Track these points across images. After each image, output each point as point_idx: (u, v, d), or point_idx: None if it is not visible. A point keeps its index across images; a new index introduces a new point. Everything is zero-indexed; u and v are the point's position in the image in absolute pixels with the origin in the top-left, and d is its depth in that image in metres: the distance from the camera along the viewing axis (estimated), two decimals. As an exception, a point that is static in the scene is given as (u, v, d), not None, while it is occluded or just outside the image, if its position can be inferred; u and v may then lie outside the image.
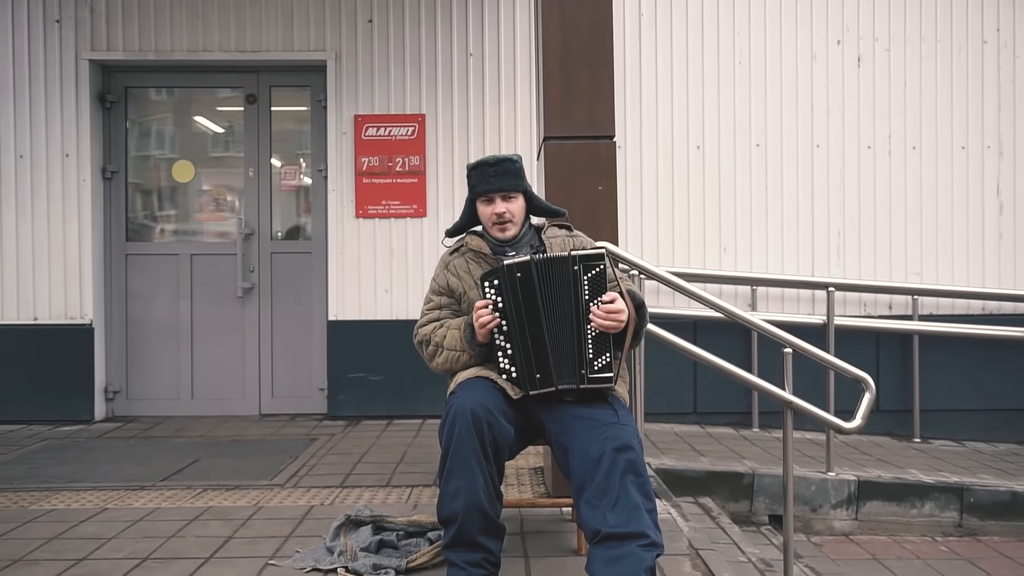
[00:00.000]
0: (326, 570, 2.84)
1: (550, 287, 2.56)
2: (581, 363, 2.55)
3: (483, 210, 2.81)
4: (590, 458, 2.42)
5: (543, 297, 2.56)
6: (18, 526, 3.42)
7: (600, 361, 2.56)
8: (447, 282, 2.84)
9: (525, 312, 2.56)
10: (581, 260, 2.55)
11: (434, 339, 2.78)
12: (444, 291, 2.85)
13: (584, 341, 2.55)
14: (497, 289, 2.59)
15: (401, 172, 5.82)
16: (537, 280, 2.55)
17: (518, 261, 2.58)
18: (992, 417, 5.88)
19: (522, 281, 2.56)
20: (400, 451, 4.80)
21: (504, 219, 2.77)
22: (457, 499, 2.46)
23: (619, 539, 2.33)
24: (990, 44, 5.94)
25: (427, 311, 2.87)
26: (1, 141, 5.81)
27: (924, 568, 4.08)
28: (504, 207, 2.76)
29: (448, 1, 5.88)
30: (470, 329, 2.67)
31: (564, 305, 2.56)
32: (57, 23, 5.83)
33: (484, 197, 2.79)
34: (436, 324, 2.81)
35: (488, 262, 2.78)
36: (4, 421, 5.70)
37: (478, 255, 2.82)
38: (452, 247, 2.93)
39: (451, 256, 2.89)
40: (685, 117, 5.91)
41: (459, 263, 2.85)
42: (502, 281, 2.58)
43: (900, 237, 5.92)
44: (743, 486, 4.56)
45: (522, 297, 2.56)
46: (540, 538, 3.19)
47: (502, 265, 2.59)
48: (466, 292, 2.80)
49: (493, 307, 2.59)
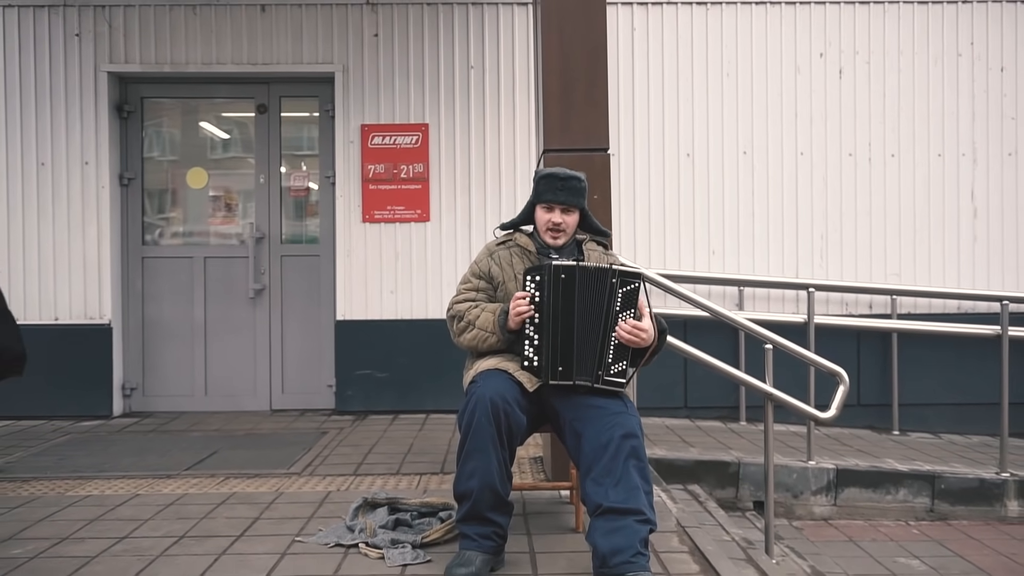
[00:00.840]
0: (348, 545, 3.14)
1: (586, 293, 2.85)
2: (599, 364, 2.86)
3: (541, 215, 3.09)
4: (600, 442, 2.73)
5: (579, 300, 2.85)
6: (60, 509, 3.70)
7: (617, 367, 2.87)
8: (489, 269, 3.13)
9: (561, 310, 2.85)
10: (620, 275, 2.87)
11: (468, 316, 3.05)
12: (484, 276, 3.14)
13: (607, 345, 2.85)
14: (538, 284, 2.88)
15: (406, 179, 6.11)
16: (578, 284, 2.85)
17: (565, 264, 2.87)
18: (967, 411, 6.17)
19: (564, 282, 2.85)
20: (407, 443, 5.10)
21: (559, 229, 3.06)
22: (473, 478, 2.76)
23: (618, 513, 2.64)
24: (964, 57, 6.25)
25: (464, 290, 3.16)
26: (24, 149, 6.08)
27: (897, 549, 4.39)
28: (562, 218, 3.06)
29: (450, 16, 6.18)
30: (504, 316, 2.95)
31: (595, 310, 2.86)
32: (77, 37, 6.11)
33: (546, 205, 3.07)
34: (471, 304, 3.09)
35: (531, 259, 3.08)
36: (27, 416, 5.97)
37: (524, 251, 3.12)
38: (501, 239, 3.21)
39: (498, 247, 3.18)
40: (676, 126, 6.21)
41: (504, 255, 3.14)
42: (544, 278, 2.86)
43: (880, 240, 6.23)
44: (729, 474, 4.87)
45: (561, 296, 2.85)
46: (541, 518, 3.49)
47: (549, 264, 2.88)
48: (505, 282, 3.09)
49: (530, 300, 2.88)
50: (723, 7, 6.22)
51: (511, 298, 2.97)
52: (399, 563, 2.94)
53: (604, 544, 2.61)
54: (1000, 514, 4.86)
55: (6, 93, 6.10)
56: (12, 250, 6.09)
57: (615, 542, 2.60)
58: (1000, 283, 6.22)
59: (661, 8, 6.22)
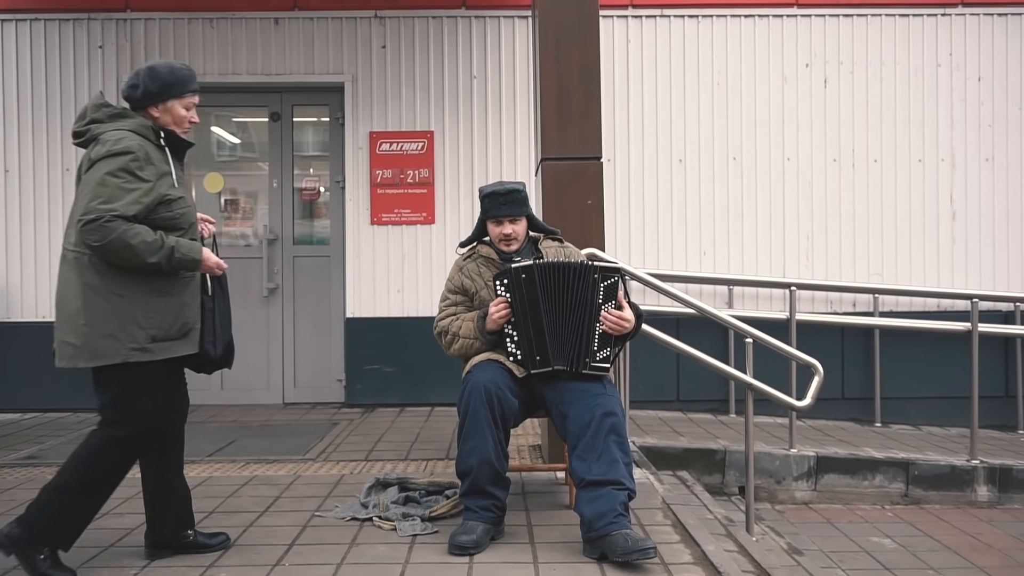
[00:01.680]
0: (363, 519, 3.46)
1: (550, 286, 3.18)
2: (587, 352, 3.18)
3: (493, 229, 3.43)
4: (583, 421, 3.07)
5: (543, 294, 3.18)
6: (96, 490, 4.02)
7: (602, 353, 3.20)
8: (461, 283, 3.47)
9: (529, 306, 3.18)
10: (601, 271, 3.19)
11: (451, 330, 3.39)
12: (459, 290, 3.47)
13: (592, 335, 3.18)
14: (506, 287, 3.21)
15: (412, 183, 6.44)
16: (539, 280, 3.18)
17: (523, 264, 3.21)
18: (946, 404, 6.45)
19: (526, 281, 3.18)
20: (414, 432, 5.42)
21: (510, 238, 3.40)
22: (472, 456, 3.09)
23: (599, 484, 2.97)
24: (944, 67, 6.57)
25: (444, 308, 3.49)
26: (49, 156, 6.42)
27: (871, 530, 4.71)
28: (511, 228, 3.39)
29: (454, 28, 6.50)
30: (481, 320, 3.29)
31: (570, 302, 3.18)
32: (100, 49, 6.44)
33: (495, 219, 3.40)
34: (452, 318, 3.42)
35: (496, 266, 3.41)
36: (54, 409, 6.30)
37: (488, 260, 3.45)
38: (465, 254, 3.55)
39: (464, 261, 3.51)
40: (669, 133, 6.53)
41: (471, 267, 3.47)
42: (510, 280, 3.20)
43: (863, 241, 6.54)
44: (716, 461, 5.19)
45: (526, 293, 3.18)
46: (538, 496, 3.81)
47: (509, 267, 3.21)
48: (478, 291, 3.42)
49: (504, 303, 3.21)
50: (713, 20, 6.54)
51: (486, 304, 3.30)
52: (410, 533, 3.26)
53: (588, 511, 2.94)
54: (970, 498, 5.18)
55: (33, 102, 6.44)
56: (39, 251, 6.43)
57: (597, 508, 2.93)
58: (977, 282, 6.51)
59: (655, 20, 6.54)
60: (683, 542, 3.24)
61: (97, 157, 2.72)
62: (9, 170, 6.42)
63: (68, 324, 2.75)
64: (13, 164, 6.42)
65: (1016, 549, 4.38)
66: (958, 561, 4.21)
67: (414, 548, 3.12)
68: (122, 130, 2.79)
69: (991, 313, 6.43)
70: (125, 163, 2.70)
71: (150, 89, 2.85)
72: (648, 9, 6.52)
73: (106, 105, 2.89)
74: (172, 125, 2.91)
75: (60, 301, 2.81)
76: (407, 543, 3.18)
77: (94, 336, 2.72)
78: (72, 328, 2.74)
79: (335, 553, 3.07)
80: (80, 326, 2.72)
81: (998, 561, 4.20)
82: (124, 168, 2.69)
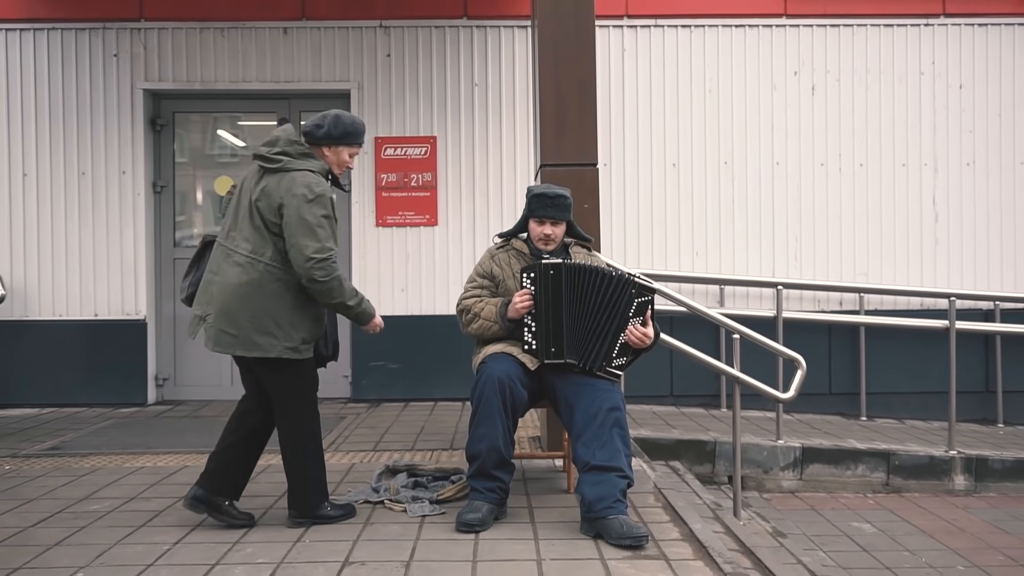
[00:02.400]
0: (375, 502, 3.72)
1: (575, 286, 3.44)
2: (606, 356, 3.44)
3: (535, 228, 3.66)
4: (589, 413, 3.33)
5: (566, 292, 3.44)
6: (122, 477, 4.28)
7: (619, 360, 3.47)
8: (491, 269, 3.72)
9: (552, 300, 3.44)
10: (639, 287, 3.44)
11: (474, 309, 3.64)
12: (487, 275, 3.72)
13: (615, 342, 3.44)
14: (532, 280, 3.47)
15: (416, 187, 6.69)
16: (565, 279, 3.44)
17: (553, 262, 3.47)
18: (929, 398, 6.71)
19: (553, 277, 3.44)
20: (419, 425, 5.67)
21: (549, 239, 3.64)
22: (482, 441, 3.35)
23: (602, 470, 3.23)
24: (927, 75, 6.83)
25: (470, 288, 3.74)
26: (66, 160, 6.66)
27: (853, 516, 4.97)
28: (552, 230, 3.64)
29: (456, 37, 6.76)
30: (504, 307, 3.54)
31: (595, 305, 3.42)
32: (115, 57, 6.69)
33: (538, 219, 3.64)
34: (476, 299, 3.67)
35: (526, 260, 3.66)
36: (70, 404, 6.55)
37: (520, 254, 3.71)
38: (500, 244, 3.80)
39: (498, 251, 3.78)
40: (663, 138, 6.79)
41: (503, 257, 3.74)
42: (537, 274, 3.45)
43: (849, 242, 6.80)
44: (706, 452, 5.45)
45: (551, 289, 3.44)
46: (538, 482, 4.07)
47: (539, 263, 3.47)
48: (504, 280, 3.68)
49: (529, 295, 3.46)
50: (705, 29, 6.80)
51: (510, 293, 3.56)
52: (419, 514, 3.52)
53: (590, 493, 3.20)
54: (948, 487, 5.44)
55: (50, 108, 6.68)
56: (56, 251, 6.67)
57: (599, 492, 3.18)
58: (959, 282, 6.78)
59: (649, 30, 6.80)
60: (672, 522, 3.49)
61: (303, 197, 3.19)
62: (28, 174, 6.66)
63: (270, 322, 3.24)
64: (31, 168, 6.66)
65: (988, 533, 4.65)
66: (932, 544, 4.47)
67: (424, 527, 3.38)
68: (313, 172, 3.28)
69: (972, 311, 6.71)
70: (328, 207, 3.25)
71: (332, 133, 3.35)
72: (643, 19, 6.78)
73: (298, 142, 3.34)
74: (334, 166, 3.41)
75: (259, 304, 3.24)
76: (417, 523, 3.43)
77: (284, 332, 3.26)
78: (275, 325, 3.24)
79: (351, 531, 3.32)
80: (278, 323, 3.24)
81: (970, 544, 4.46)
82: (327, 213, 3.24)
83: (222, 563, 2.99)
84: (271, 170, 3.29)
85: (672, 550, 3.13)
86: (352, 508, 3.55)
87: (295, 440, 3.40)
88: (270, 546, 3.16)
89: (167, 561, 3.02)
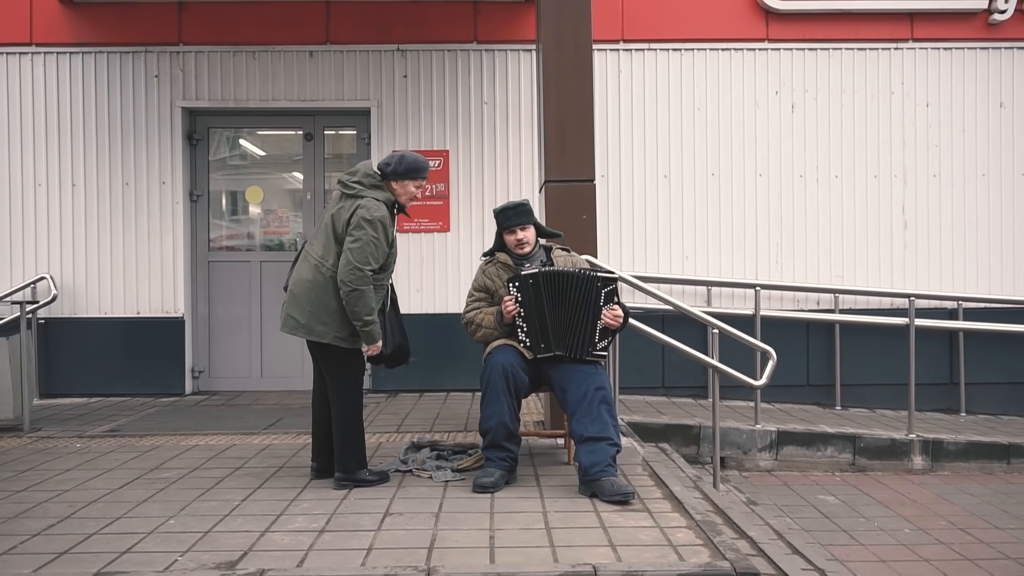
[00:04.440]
0: (404, 471, 4.37)
1: (553, 289, 4.08)
2: (589, 343, 4.08)
3: (508, 238, 4.33)
4: (580, 394, 3.98)
5: (546, 294, 4.08)
6: (180, 452, 4.93)
7: (601, 343, 4.12)
8: (484, 283, 4.37)
9: (535, 304, 4.08)
10: (602, 280, 4.09)
11: (476, 321, 4.30)
12: (482, 289, 4.38)
13: (594, 330, 4.09)
14: (518, 288, 4.11)
15: (430, 196, 7.34)
16: (543, 284, 4.08)
17: (531, 272, 4.11)
18: (899, 389, 7.22)
19: (533, 285, 4.09)
20: (435, 412, 6.32)
21: (523, 242, 4.30)
22: (492, 419, 4.01)
23: (595, 440, 3.88)
24: (896, 95, 7.48)
25: (470, 303, 4.40)
26: (111, 171, 7.32)
27: (820, 490, 5.62)
28: (522, 235, 4.29)
29: (467, 60, 7.41)
30: (499, 315, 4.19)
31: (572, 303, 4.06)
32: (156, 78, 7.34)
33: (508, 229, 4.30)
34: (476, 311, 4.33)
35: (511, 270, 4.31)
36: (115, 394, 7.21)
37: (505, 266, 4.36)
38: (487, 261, 4.45)
39: (487, 266, 4.43)
40: (655, 152, 7.44)
41: (492, 271, 4.38)
42: (521, 283, 4.10)
43: (825, 247, 7.45)
44: (692, 435, 6.10)
45: (532, 294, 4.08)
46: (542, 456, 4.71)
47: (520, 273, 4.12)
48: (497, 290, 4.33)
49: (515, 301, 4.11)
50: (695, 52, 7.45)
51: (503, 301, 4.20)
52: (443, 480, 4.18)
53: (586, 459, 3.85)
54: (907, 467, 6.09)
55: (97, 124, 7.33)
56: (101, 255, 7.32)
57: (593, 458, 3.84)
58: (926, 284, 7.41)
59: (643, 53, 7.45)
60: (656, 486, 4.15)
61: (362, 218, 3.92)
62: (76, 184, 7.31)
63: (326, 314, 3.99)
64: (80, 179, 7.31)
65: (936, 503, 5.30)
66: (886, 512, 5.12)
67: (448, 489, 4.03)
68: (378, 200, 4.02)
69: (938, 310, 7.35)
70: (379, 231, 3.95)
71: (398, 170, 4.09)
72: (637, 43, 7.43)
73: (373, 175, 4.11)
74: (401, 196, 4.14)
75: (319, 299, 4.00)
76: (442, 487, 4.09)
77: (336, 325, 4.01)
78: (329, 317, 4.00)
79: (387, 492, 3.98)
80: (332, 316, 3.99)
81: (919, 512, 5.12)
82: (378, 236, 3.95)
83: (285, 514, 3.64)
84: (348, 195, 4.04)
85: (654, 506, 3.77)
86: (386, 475, 4.21)
87: (342, 413, 4.09)
88: (323, 502, 3.81)
89: (240, 512, 3.67)
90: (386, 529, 3.42)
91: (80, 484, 4.20)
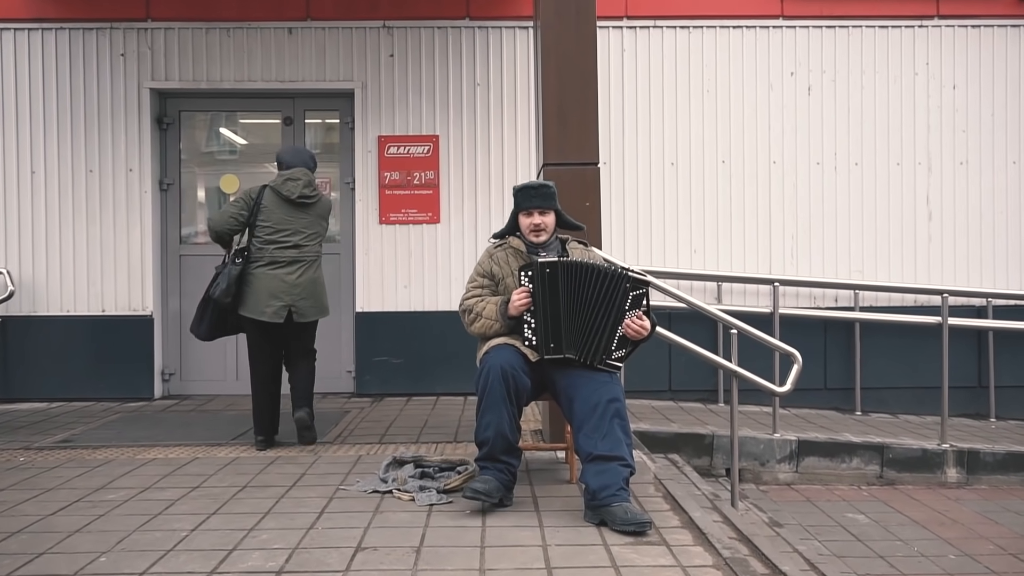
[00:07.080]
0: (383, 491, 3.82)
1: (572, 283, 3.53)
2: (605, 349, 3.53)
3: (524, 220, 3.77)
4: (590, 405, 3.43)
5: (564, 288, 3.53)
6: (135, 468, 4.39)
7: (618, 352, 3.57)
8: (490, 269, 3.82)
9: (549, 297, 3.54)
10: (632, 281, 3.54)
11: (475, 309, 3.75)
12: (487, 275, 3.83)
13: (613, 335, 3.54)
14: (530, 278, 3.57)
15: (418, 185, 6.80)
16: (561, 276, 3.53)
17: (549, 260, 3.57)
18: (923, 393, 6.82)
19: (549, 275, 3.54)
20: (422, 419, 5.78)
21: (540, 228, 3.75)
22: (489, 428, 3.46)
23: (605, 459, 3.34)
24: (920, 76, 6.95)
25: (471, 288, 3.84)
26: (74, 158, 6.76)
27: (847, 507, 5.09)
28: (540, 219, 3.74)
29: (458, 38, 6.86)
30: (504, 305, 3.65)
31: (592, 301, 3.51)
32: (122, 56, 6.78)
33: (526, 211, 3.75)
34: (478, 299, 3.78)
35: (523, 257, 3.76)
36: (78, 398, 6.66)
37: (517, 252, 3.81)
38: (496, 244, 3.90)
39: (496, 249, 3.87)
40: (661, 137, 6.91)
41: (501, 256, 3.83)
42: (535, 272, 3.55)
43: (844, 240, 6.92)
44: (704, 445, 5.57)
45: (548, 286, 3.54)
46: (541, 473, 4.18)
47: (536, 261, 3.57)
48: (503, 278, 3.78)
49: (528, 293, 3.56)
50: (704, 30, 6.92)
51: (509, 291, 3.66)
52: (427, 503, 3.63)
53: (594, 482, 3.31)
54: (940, 479, 5.57)
55: (58, 106, 6.77)
56: (63, 248, 6.76)
57: (603, 480, 3.30)
58: (952, 279, 6.90)
59: (648, 31, 6.91)
60: (672, 510, 3.61)
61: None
62: (36, 171, 6.76)
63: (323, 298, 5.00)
64: (39, 165, 6.76)
65: (979, 523, 4.77)
66: (924, 534, 4.59)
67: (432, 515, 3.49)
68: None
69: (964, 308, 6.83)
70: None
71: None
72: (642, 20, 6.89)
73: None
74: None
75: (317, 286, 4.96)
76: (425, 511, 3.54)
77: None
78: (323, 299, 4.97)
79: (362, 519, 3.43)
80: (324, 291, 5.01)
81: (961, 534, 4.59)
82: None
83: (239, 548, 3.09)
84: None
85: (673, 537, 3.24)
86: None
87: (311, 368, 5.03)
88: (284, 533, 3.26)
89: (185, 547, 3.12)
90: (356, 570, 2.87)
91: (8, 509, 3.65)
